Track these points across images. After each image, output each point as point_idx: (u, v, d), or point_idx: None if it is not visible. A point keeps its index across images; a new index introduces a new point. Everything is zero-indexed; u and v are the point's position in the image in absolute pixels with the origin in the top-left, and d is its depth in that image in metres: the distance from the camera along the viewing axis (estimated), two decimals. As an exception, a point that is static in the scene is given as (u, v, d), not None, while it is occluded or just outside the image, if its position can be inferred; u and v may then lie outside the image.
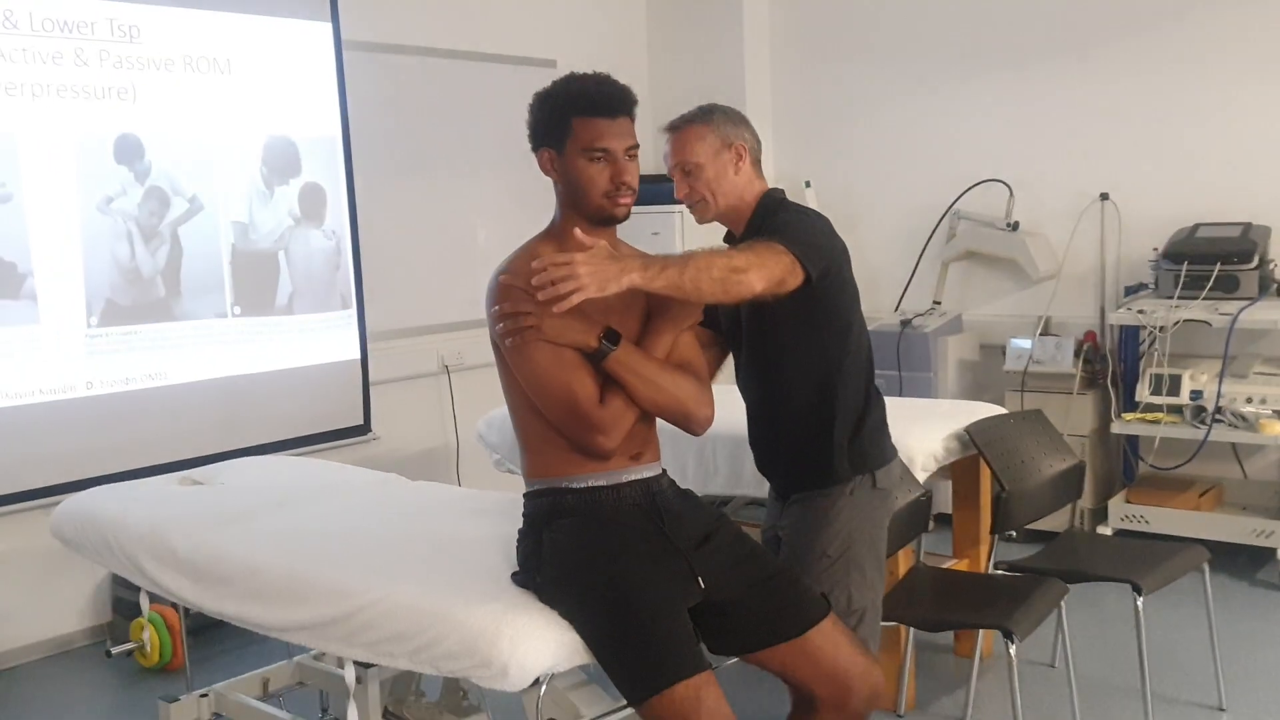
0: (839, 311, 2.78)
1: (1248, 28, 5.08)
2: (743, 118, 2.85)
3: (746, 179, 2.81)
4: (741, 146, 2.79)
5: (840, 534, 2.76)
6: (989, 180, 5.61)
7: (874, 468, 2.82)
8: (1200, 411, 4.89)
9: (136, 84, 4.33)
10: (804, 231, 2.66)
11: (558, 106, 2.48)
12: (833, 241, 2.73)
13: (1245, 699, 3.76)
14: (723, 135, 2.78)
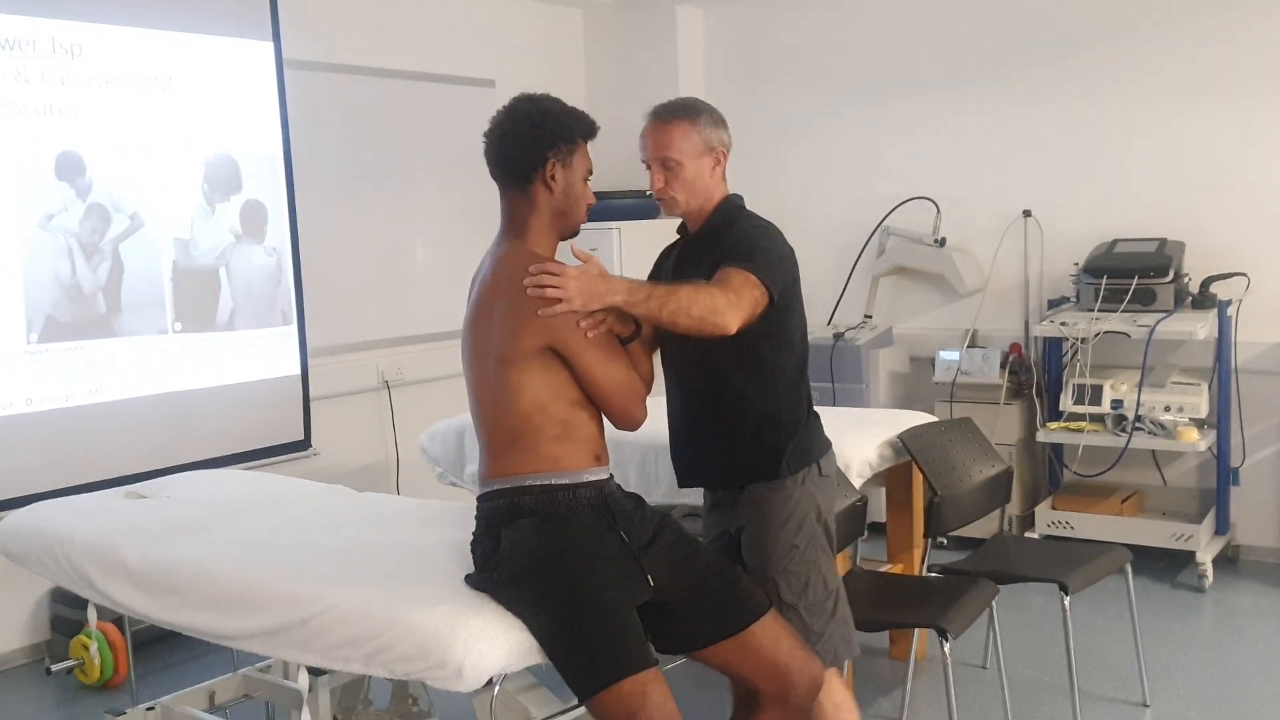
0: (791, 322, 2.83)
1: (1158, 55, 5.28)
2: (723, 119, 2.89)
3: (717, 182, 2.85)
4: (721, 152, 2.84)
5: (804, 524, 2.79)
6: (917, 198, 5.76)
7: (818, 457, 2.86)
8: (1121, 420, 5.06)
9: (78, 101, 4.33)
10: (765, 251, 2.72)
11: (564, 124, 2.58)
12: (788, 256, 2.80)
13: (1167, 695, 3.90)
14: (706, 138, 2.81)
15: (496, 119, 2.61)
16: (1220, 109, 5.17)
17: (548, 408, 2.49)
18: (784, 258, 2.78)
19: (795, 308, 2.84)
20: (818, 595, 2.77)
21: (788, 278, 2.77)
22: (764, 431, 2.80)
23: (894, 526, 4.25)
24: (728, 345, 2.68)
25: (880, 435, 3.93)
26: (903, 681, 3.82)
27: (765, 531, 2.79)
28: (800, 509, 2.79)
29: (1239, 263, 5.08)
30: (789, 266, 2.78)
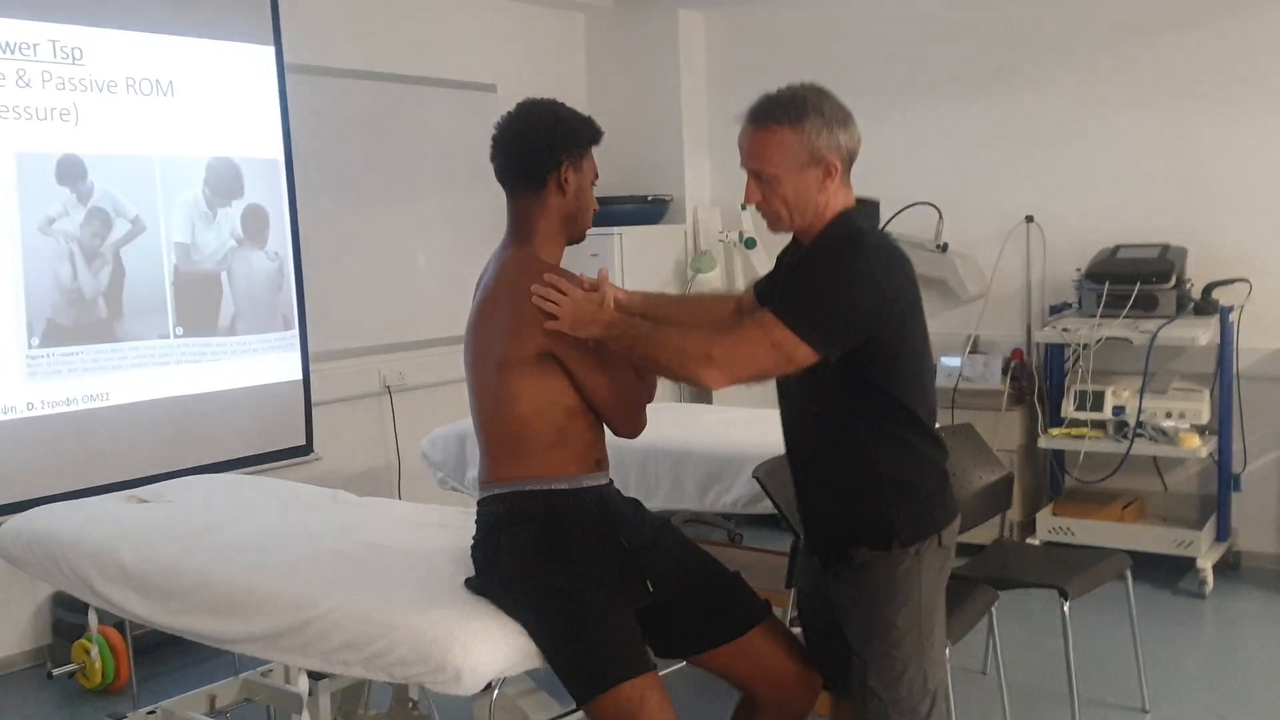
0: (890, 380, 2.41)
1: (1161, 61, 5.28)
2: (845, 116, 2.42)
3: (831, 195, 2.41)
4: (834, 161, 2.38)
5: (910, 602, 2.43)
6: (919, 203, 5.75)
7: (940, 527, 2.48)
8: (1122, 426, 5.05)
9: (79, 105, 4.34)
10: (826, 298, 2.35)
11: (577, 128, 2.58)
12: (872, 309, 2.34)
13: (1168, 702, 3.89)
14: (813, 147, 2.37)
15: (507, 121, 2.59)
16: (1223, 115, 5.17)
17: (547, 413, 2.49)
18: (858, 310, 2.33)
19: (901, 369, 2.42)
20: (913, 693, 2.44)
21: (865, 332, 2.33)
22: (872, 495, 2.45)
23: (894, 532, 4.24)
24: (824, 393, 2.44)
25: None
26: (903, 687, 3.84)
27: (866, 605, 2.46)
28: (909, 584, 2.43)
29: (1241, 269, 5.08)
30: (861, 323, 2.33)
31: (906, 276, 2.41)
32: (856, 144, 2.43)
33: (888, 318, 2.35)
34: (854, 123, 2.43)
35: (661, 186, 6.29)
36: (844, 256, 2.36)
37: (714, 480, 3.83)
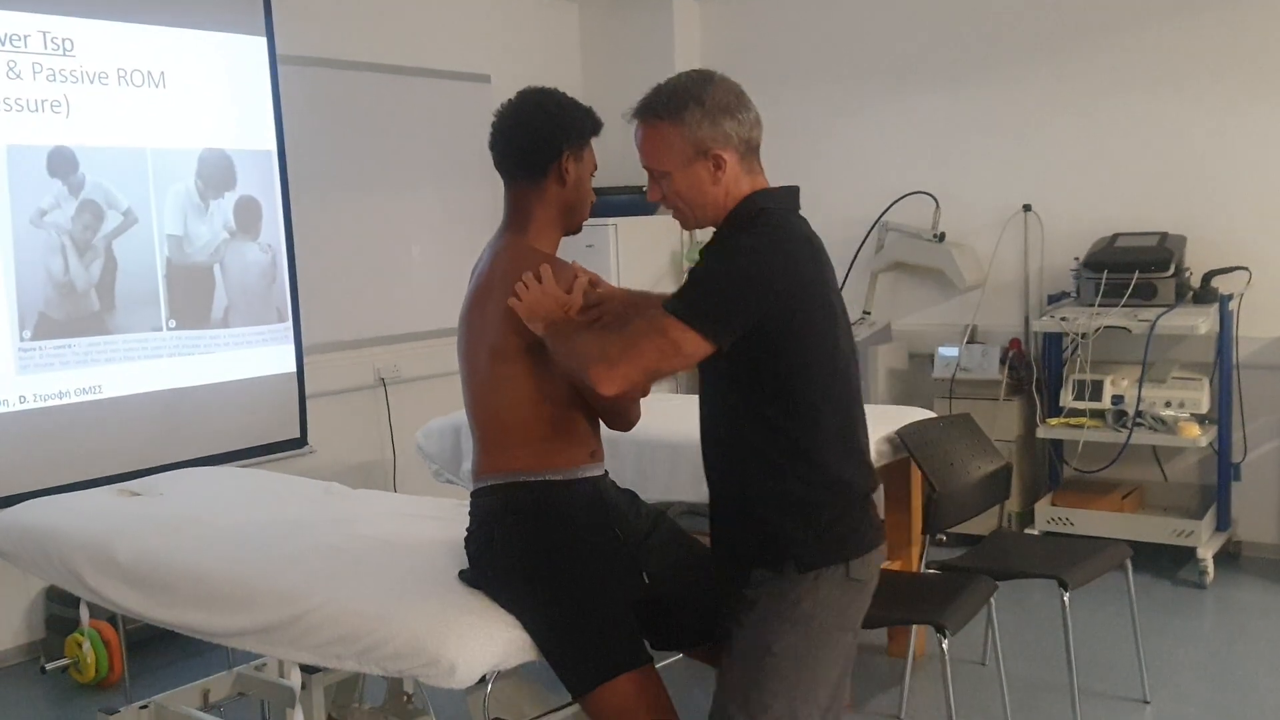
0: (788, 384, 2.25)
1: (1159, 49, 5.26)
2: (732, 102, 2.30)
3: (730, 185, 2.32)
4: (722, 154, 2.28)
5: (795, 631, 2.24)
6: (916, 193, 5.73)
7: (848, 556, 2.28)
8: (1121, 416, 5.03)
9: (70, 97, 4.30)
10: (710, 282, 2.24)
11: (578, 118, 2.55)
12: (756, 291, 2.20)
13: (1168, 692, 3.88)
14: (696, 140, 2.27)
15: (508, 109, 2.56)
16: (1222, 102, 5.15)
17: (541, 404, 2.46)
18: (740, 290, 2.19)
19: (799, 364, 2.24)
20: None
21: (756, 318, 2.18)
22: (773, 507, 2.29)
23: (892, 523, 4.22)
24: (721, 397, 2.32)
25: (878, 431, 3.90)
26: (901, 679, 3.83)
27: (749, 630, 2.28)
28: (794, 613, 2.24)
29: (1240, 257, 5.06)
30: (749, 300, 2.18)
31: (807, 262, 2.27)
32: (751, 128, 2.33)
33: (778, 303, 2.19)
34: (747, 106, 2.32)
35: (657, 177, 6.26)
36: (731, 239, 2.29)
37: (710, 472, 3.80)
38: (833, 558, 2.26)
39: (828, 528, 2.27)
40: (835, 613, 2.26)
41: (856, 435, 2.33)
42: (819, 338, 2.26)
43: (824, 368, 2.27)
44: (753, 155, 2.36)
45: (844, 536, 2.28)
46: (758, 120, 2.35)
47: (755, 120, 2.35)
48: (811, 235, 2.34)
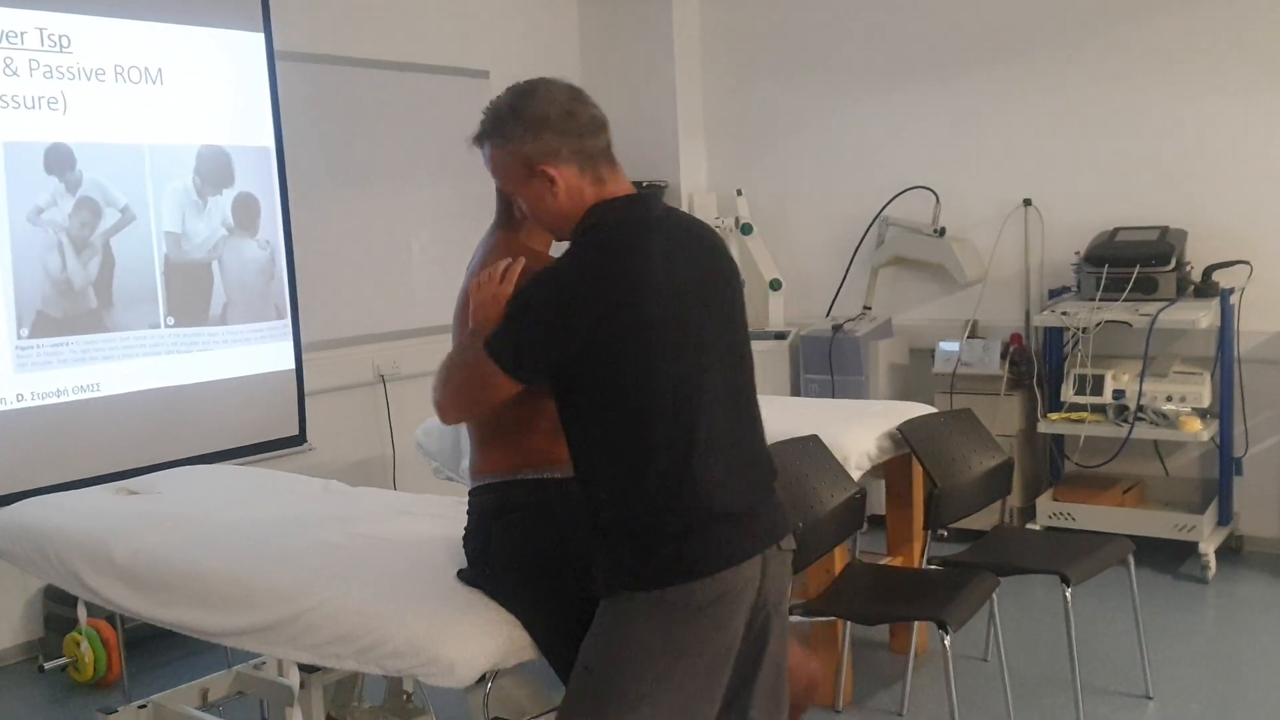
0: (598, 405, 2.16)
1: (1159, 42, 5.24)
2: (555, 112, 2.15)
3: (572, 197, 2.19)
4: (550, 171, 2.16)
5: (608, 650, 2.17)
6: (916, 187, 5.72)
7: (663, 583, 2.12)
8: (1123, 410, 5.02)
9: (67, 94, 4.28)
10: (519, 328, 2.15)
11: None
12: (561, 334, 2.10)
13: (1171, 688, 3.86)
14: (524, 157, 2.18)
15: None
16: (1222, 95, 5.13)
17: (538, 402, 2.43)
18: (543, 328, 2.11)
19: (623, 377, 2.12)
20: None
21: (554, 352, 2.11)
22: (595, 525, 2.22)
23: (893, 519, 4.22)
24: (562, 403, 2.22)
25: (879, 427, 3.90)
26: (903, 675, 3.81)
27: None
28: (609, 633, 2.18)
29: (1242, 250, 5.04)
30: (555, 338, 2.09)
31: (629, 279, 2.10)
32: (583, 136, 2.17)
33: (580, 340, 2.08)
34: (575, 114, 2.17)
35: (656, 172, 6.24)
36: (549, 268, 2.19)
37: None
38: (645, 583, 2.14)
39: (641, 551, 2.15)
40: (659, 639, 2.13)
41: (707, 455, 2.14)
42: (643, 358, 2.11)
43: (653, 387, 2.11)
44: (599, 161, 2.20)
45: (662, 562, 2.13)
46: (595, 124, 2.19)
47: (590, 125, 2.19)
48: (651, 245, 2.16)
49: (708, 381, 2.18)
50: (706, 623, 2.14)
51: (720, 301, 2.26)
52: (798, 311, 6.15)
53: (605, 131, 2.22)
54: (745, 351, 2.32)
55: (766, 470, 2.32)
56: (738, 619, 2.18)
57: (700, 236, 2.31)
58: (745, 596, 2.18)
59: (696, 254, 2.24)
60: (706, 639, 2.15)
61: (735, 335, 2.29)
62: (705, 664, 2.16)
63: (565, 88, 2.22)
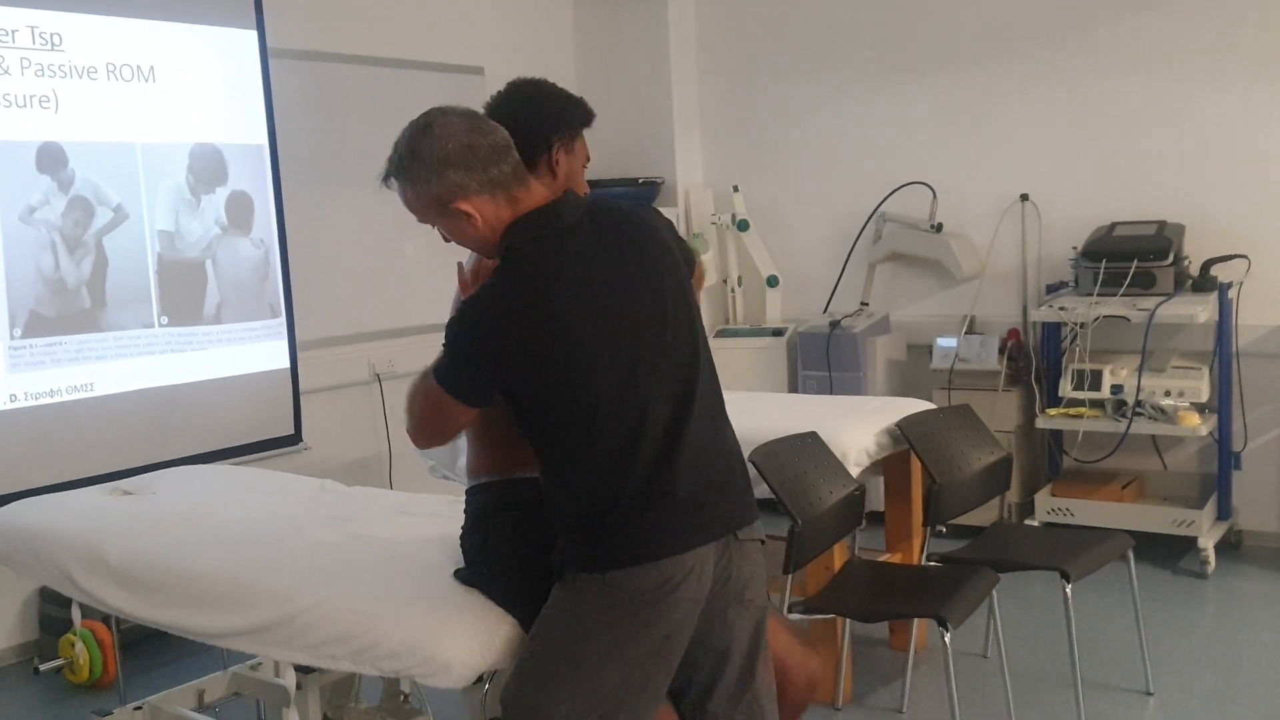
0: (538, 409, 2.23)
1: (1157, 36, 5.22)
2: (455, 150, 2.19)
3: (492, 224, 2.22)
4: (462, 207, 2.20)
5: (546, 632, 2.24)
6: (913, 183, 5.70)
7: (604, 567, 2.18)
8: (1121, 405, 5.00)
9: (59, 92, 4.26)
10: (456, 357, 2.20)
11: (569, 109, 2.51)
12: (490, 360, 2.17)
13: (1172, 683, 3.85)
14: (435, 197, 2.23)
15: (497, 101, 2.52)
16: (1220, 90, 5.11)
17: None
18: (474, 358, 2.18)
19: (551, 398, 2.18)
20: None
21: (492, 375, 2.17)
22: (555, 516, 2.28)
23: (892, 515, 4.20)
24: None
25: (878, 423, 3.88)
26: (902, 672, 3.80)
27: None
28: (560, 612, 2.23)
29: (1239, 245, 5.03)
30: (486, 364, 2.17)
31: (538, 296, 2.14)
32: (488, 166, 2.19)
33: (507, 363, 2.15)
34: (475, 147, 2.18)
35: (652, 169, 6.23)
36: (468, 298, 2.24)
37: (709, 465, 3.77)
38: (587, 566, 2.20)
39: (585, 538, 2.21)
40: (596, 618, 2.18)
41: (651, 446, 2.17)
42: (574, 364, 2.15)
43: (590, 387, 2.15)
44: (510, 183, 2.21)
45: (603, 548, 2.19)
46: (496, 151, 2.21)
47: (493, 154, 2.20)
48: (562, 257, 2.18)
49: (648, 374, 2.19)
50: (648, 608, 2.17)
51: (655, 291, 2.25)
52: (795, 308, 6.13)
53: (509, 152, 2.23)
54: (692, 338, 2.30)
55: (725, 459, 2.31)
56: (681, 608, 2.19)
57: (626, 228, 2.29)
58: (691, 585, 2.19)
59: (621, 249, 2.25)
60: (647, 624, 2.18)
61: (679, 322, 2.27)
62: (644, 650, 2.18)
63: (462, 119, 2.23)
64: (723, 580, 2.26)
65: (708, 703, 2.31)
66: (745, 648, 2.32)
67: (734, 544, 2.27)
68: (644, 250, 2.28)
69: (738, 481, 2.33)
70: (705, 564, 2.21)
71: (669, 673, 2.23)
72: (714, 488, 2.26)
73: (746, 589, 2.30)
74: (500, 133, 2.24)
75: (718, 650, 2.29)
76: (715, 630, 2.28)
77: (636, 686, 2.19)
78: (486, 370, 2.18)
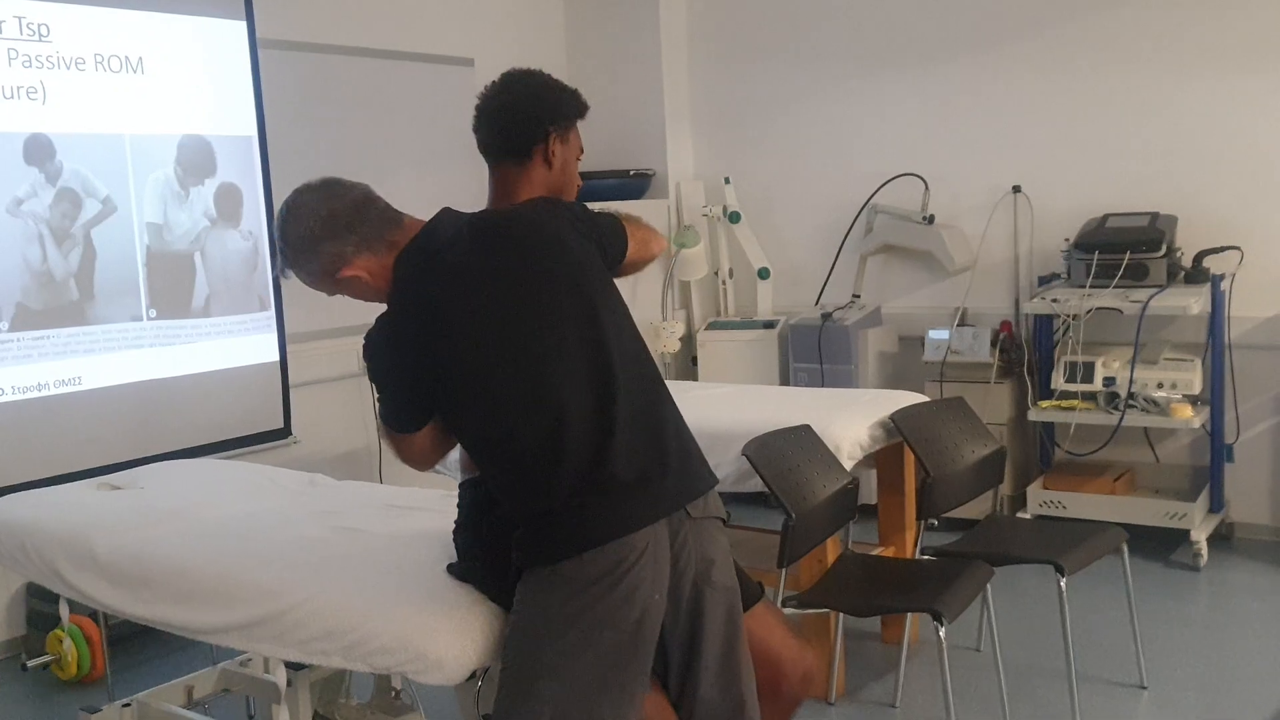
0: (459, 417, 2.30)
1: (1149, 27, 5.20)
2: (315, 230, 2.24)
3: (381, 273, 2.28)
4: (350, 273, 2.27)
5: (519, 623, 2.24)
6: (905, 175, 5.68)
7: (556, 558, 2.19)
8: (1113, 398, 4.99)
9: (46, 83, 4.22)
10: (381, 392, 2.32)
11: (564, 100, 2.50)
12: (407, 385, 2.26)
13: (1166, 676, 3.85)
14: (322, 272, 2.28)
15: (493, 91, 2.52)
16: (1212, 81, 5.10)
17: None
18: (383, 383, 2.28)
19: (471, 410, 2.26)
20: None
21: (413, 399, 2.27)
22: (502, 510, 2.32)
23: (885, 509, 4.19)
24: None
25: (871, 416, 3.87)
26: (895, 666, 3.79)
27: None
28: (519, 611, 2.24)
29: (1232, 236, 5.01)
30: (404, 391, 2.26)
31: (417, 325, 2.23)
32: (352, 230, 2.24)
33: (419, 384, 2.24)
34: (338, 215, 2.24)
35: (643, 161, 6.20)
36: (370, 343, 2.29)
37: (702, 458, 3.75)
38: (536, 560, 2.21)
39: (533, 532, 2.22)
40: (556, 610, 2.18)
41: (577, 435, 2.19)
42: (474, 377, 2.22)
43: (498, 394, 2.21)
44: (382, 231, 2.28)
45: (551, 540, 2.20)
46: (357, 210, 2.27)
47: (355, 215, 2.26)
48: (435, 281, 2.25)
49: (556, 370, 2.21)
50: (607, 595, 2.16)
51: (547, 289, 2.26)
52: (786, 300, 6.12)
53: (371, 204, 2.29)
54: (601, 324, 2.28)
55: (667, 436, 2.30)
56: (641, 590, 2.18)
57: (504, 233, 2.32)
58: (646, 566, 2.18)
59: (502, 253, 2.27)
60: (613, 611, 2.17)
61: (582, 311, 2.27)
62: (614, 639, 2.17)
63: (315, 193, 2.28)
64: (686, 560, 2.25)
65: (692, 687, 2.30)
66: (721, 630, 2.30)
67: (688, 522, 2.26)
68: (524, 248, 2.29)
69: (685, 456, 2.32)
70: (659, 543, 2.21)
71: (646, 659, 2.22)
72: (658, 466, 2.25)
73: (713, 569, 2.29)
74: (356, 189, 2.30)
75: (691, 633, 2.28)
76: (686, 611, 2.27)
77: (614, 677, 2.18)
78: (403, 398, 2.27)
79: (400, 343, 2.24)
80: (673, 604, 2.25)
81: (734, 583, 2.36)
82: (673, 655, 2.29)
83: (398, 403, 2.29)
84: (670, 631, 2.26)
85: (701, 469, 2.36)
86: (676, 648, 2.28)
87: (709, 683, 2.30)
